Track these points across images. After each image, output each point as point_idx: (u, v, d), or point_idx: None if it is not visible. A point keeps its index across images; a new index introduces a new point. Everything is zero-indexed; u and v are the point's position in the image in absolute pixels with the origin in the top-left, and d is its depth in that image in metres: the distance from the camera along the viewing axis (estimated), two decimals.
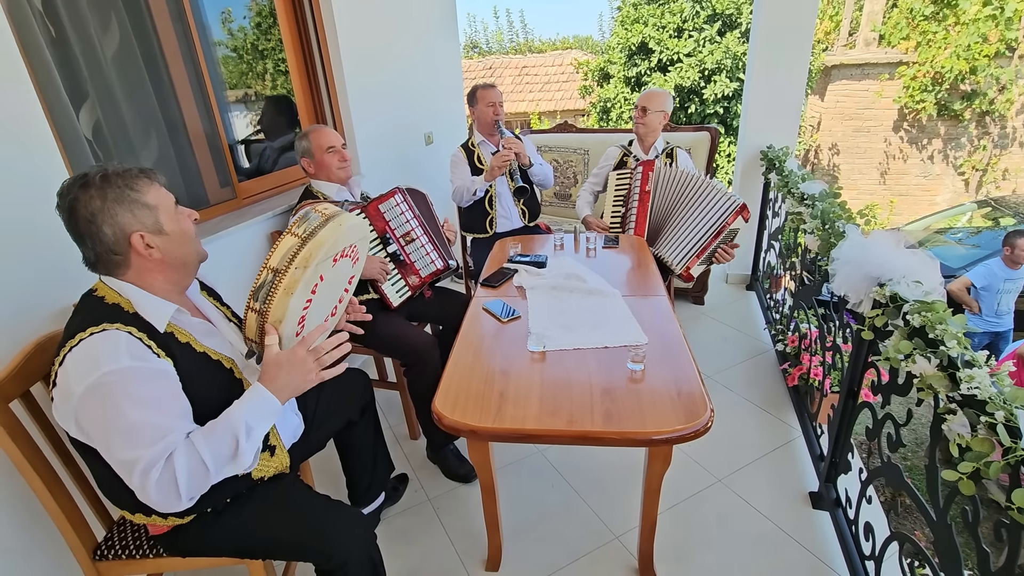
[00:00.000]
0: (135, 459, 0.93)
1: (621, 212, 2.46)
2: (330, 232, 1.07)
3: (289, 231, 1.08)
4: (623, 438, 1.19)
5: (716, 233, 2.20)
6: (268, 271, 1.04)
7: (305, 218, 1.10)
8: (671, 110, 2.45)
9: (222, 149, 2.05)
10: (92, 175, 0.99)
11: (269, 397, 1.05)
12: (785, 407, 2.26)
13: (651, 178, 2.34)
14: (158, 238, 1.04)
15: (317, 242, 1.04)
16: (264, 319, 1.04)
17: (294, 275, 1.02)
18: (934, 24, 7.35)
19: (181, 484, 0.95)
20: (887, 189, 8.28)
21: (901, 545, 1.30)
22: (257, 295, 1.05)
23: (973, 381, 0.97)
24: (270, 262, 1.05)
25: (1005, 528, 0.90)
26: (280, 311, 1.03)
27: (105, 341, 0.95)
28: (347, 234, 1.11)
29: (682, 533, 1.71)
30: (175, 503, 0.97)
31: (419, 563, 1.67)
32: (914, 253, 1.35)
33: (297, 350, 1.07)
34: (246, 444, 1.01)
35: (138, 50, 1.72)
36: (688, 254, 2.24)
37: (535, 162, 2.58)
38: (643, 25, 7.28)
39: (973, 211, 6.05)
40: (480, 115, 2.57)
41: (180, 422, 1.00)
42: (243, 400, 1.04)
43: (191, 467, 0.96)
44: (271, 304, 1.03)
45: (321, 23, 2.40)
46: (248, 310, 1.07)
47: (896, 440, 1.32)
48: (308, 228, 1.07)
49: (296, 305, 1.04)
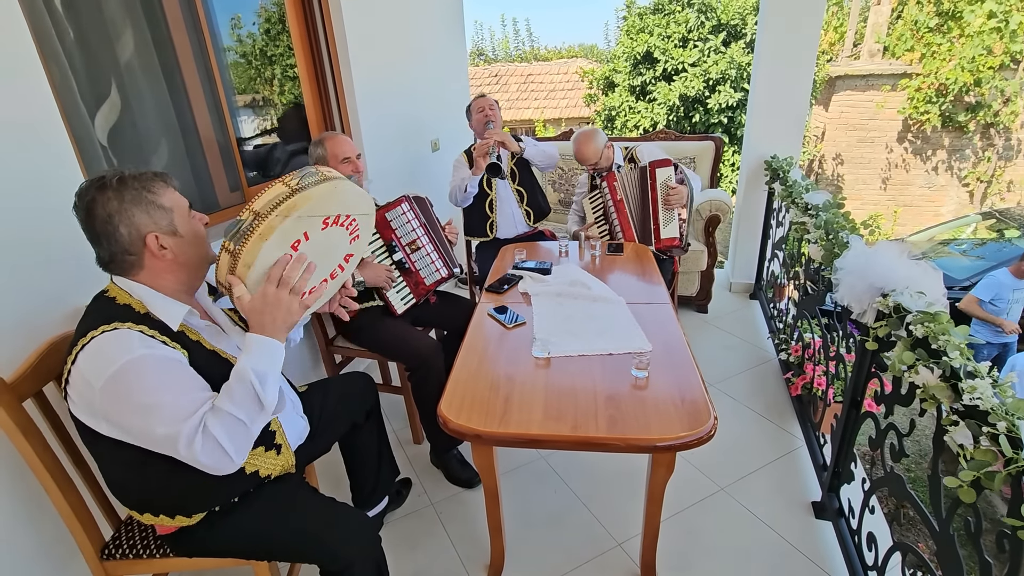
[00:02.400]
0: (176, 433, 0.96)
1: (607, 230, 2.52)
2: (322, 190, 1.03)
3: (281, 180, 1.05)
4: (627, 444, 1.20)
5: (652, 192, 2.35)
6: (249, 212, 1.01)
7: (302, 172, 1.07)
8: (604, 138, 2.51)
9: (232, 154, 2.07)
10: (109, 178, 1.02)
11: (264, 340, 1.04)
12: (788, 416, 2.26)
13: (616, 187, 2.43)
14: (172, 239, 1.06)
15: (305, 196, 1.01)
16: (236, 260, 1.01)
17: (272, 222, 0.99)
18: (938, 36, 7.38)
19: (225, 445, 0.99)
20: (891, 199, 8.29)
21: (904, 556, 1.30)
22: (233, 235, 1.01)
23: (975, 392, 0.98)
24: (253, 205, 1.02)
25: (1007, 539, 0.90)
26: (251, 256, 0.99)
27: (117, 337, 0.98)
28: (343, 199, 1.08)
29: (684, 541, 1.71)
30: (227, 463, 1.01)
31: (422, 567, 1.67)
32: (918, 264, 1.36)
33: (266, 290, 1.03)
34: (263, 391, 1.02)
35: (154, 56, 1.75)
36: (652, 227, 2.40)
37: (527, 145, 2.57)
38: (648, 35, 7.34)
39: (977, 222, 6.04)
40: (476, 123, 2.64)
41: (203, 393, 1.03)
42: (243, 353, 1.04)
43: (227, 427, 0.99)
44: (244, 246, 0.99)
45: (331, 29, 2.43)
46: (222, 250, 1.04)
47: (899, 450, 1.32)
48: (302, 182, 1.04)
49: (268, 254, 1.01)
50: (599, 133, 2.49)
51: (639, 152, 2.57)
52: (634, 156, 2.59)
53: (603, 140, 2.48)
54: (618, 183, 2.42)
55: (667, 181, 2.36)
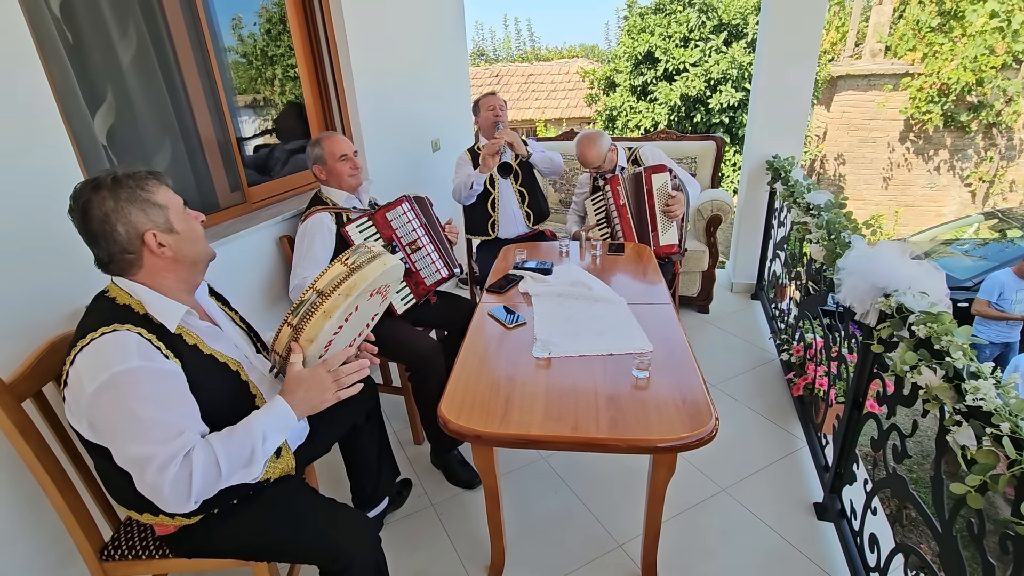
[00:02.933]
0: (150, 455, 0.95)
1: (608, 232, 2.51)
2: (375, 268, 1.15)
3: (339, 260, 1.16)
4: (628, 445, 1.19)
5: (648, 199, 2.34)
6: (313, 291, 1.11)
7: (355, 251, 1.18)
8: (608, 141, 2.47)
9: (233, 154, 2.07)
10: (103, 178, 1.02)
11: (288, 411, 1.09)
12: (790, 417, 2.25)
13: (620, 191, 2.42)
14: (169, 236, 1.06)
15: (363, 275, 1.12)
16: (297, 335, 1.10)
17: (336, 300, 1.09)
18: (941, 36, 7.36)
19: (195, 483, 0.97)
20: (893, 200, 8.27)
21: (906, 557, 1.29)
22: (297, 311, 1.11)
23: (979, 392, 0.97)
24: (317, 284, 1.12)
25: (1011, 541, 0.89)
26: (314, 331, 1.09)
27: (115, 341, 0.97)
28: (388, 274, 1.20)
29: (686, 542, 1.70)
30: (184, 503, 0.98)
31: (422, 568, 1.67)
32: (920, 264, 1.35)
33: (319, 370, 1.11)
34: (261, 453, 1.04)
35: (154, 56, 1.75)
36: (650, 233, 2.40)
37: (535, 151, 2.59)
38: (649, 35, 7.33)
39: (980, 222, 6.03)
40: (483, 120, 2.64)
41: (193, 422, 1.02)
42: (264, 411, 1.07)
43: (206, 467, 0.98)
44: (308, 323, 1.09)
45: (332, 30, 2.43)
46: (284, 324, 1.13)
47: (901, 451, 1.31)
48: (357, 260, 1.15)
49: (329, 329, 1.10)
50: (603, 136, 2.46)
51: (643, 154, 2.56)
52: (638, 158, 2.57)
53: (607, 143, 2.46)
54: (621, 187, 2.42)
55: (664, 188, 2.34)
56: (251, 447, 1.03)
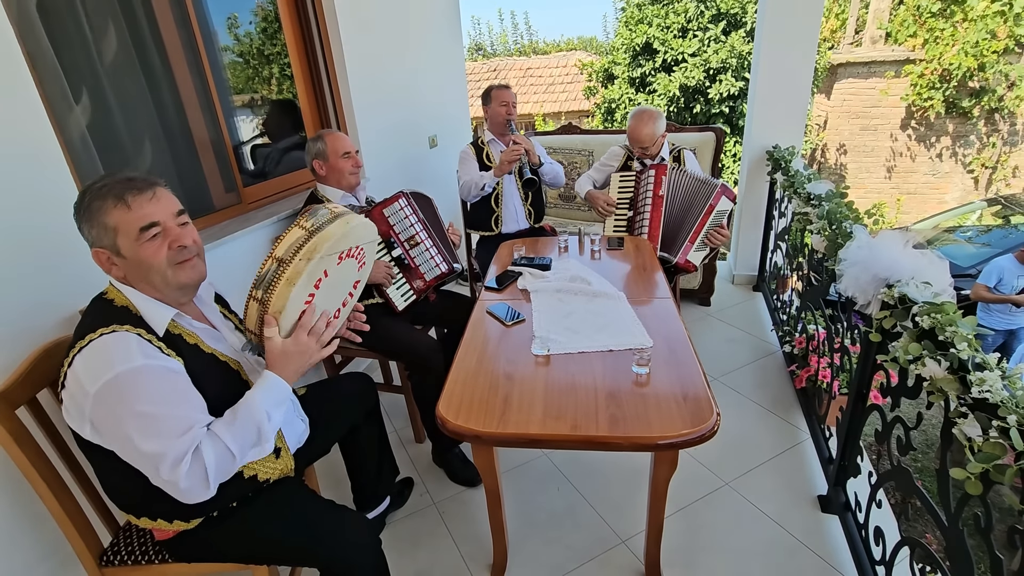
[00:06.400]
0: (162, 451, 0.95)
1: (627, 216, 2.41)
2: (337, 228, 1.09)
3: (297, 224, 1.10)
4: (629, 443, 1.18)
5: (703, 216, 2.19)
6: (273, 260, 1.06)
7: (314, 213, 1.12)
8: (664, 125, 2.35)
9: (227, 155, 2.05)
10: (97, 180, 1.02)
11: (281, 384, 1.09)
12: (793, 409, 2.24)
13: (664, 182, 2.24)
14: (118, 258, 1.03)
15: (323, 236, 1.06)
16: (265, 308, 1.06)
17: (298, 266, 1.04)
18: (941, 21, 7.28)
19: (210, 473, 0.98)
20: (895, 187, 8.21)
21: (912, 550, 1.28)
22: (260, 284, 1.06)
23: (984, 384, 0.95)
24: (275, 252, 1.06)
25: (1018, 533, 0.88)
26: (281, 301, 1.04)
27: (116, 341, 0.96)
28: (354, 233, 1.13)
29: (689, 537, 1.69)
30: (203, 492, 1.00)
31: (424, 567, 1.67)
32: (923, 253, 1.33)
33: (299, 336, 1.09)
34: (268, 429, 1.06)
35: (141, 57, 1.73)
36: (681, 242, 2.25)
37: (545, 161, 2.58)
38: (647, 25, 7.26)
39: (983, 209, 5.99)
40: (493, 114, 2.58)
41: (200, 415, 1.02)
42: (258, 390, 1.07)
43: (218, 456, 1.00)
44: (273, 293, 1.04)
45: (325, 27, 2.40)
46: (250, 299, 1.08)
47: (906, 443, 1.30)
48: (316, 222, 1.09)
49: (297, 297, 1.06)
50: (661, 118, 2.32)
51: (685, 156, 2.47)
52: (680, 157, 2.47)
53: (662, 127, 2.32)
54: (667, 178, 2.24)
55: (722, 215, 2.22)
56: (256, 427, 1.05)
